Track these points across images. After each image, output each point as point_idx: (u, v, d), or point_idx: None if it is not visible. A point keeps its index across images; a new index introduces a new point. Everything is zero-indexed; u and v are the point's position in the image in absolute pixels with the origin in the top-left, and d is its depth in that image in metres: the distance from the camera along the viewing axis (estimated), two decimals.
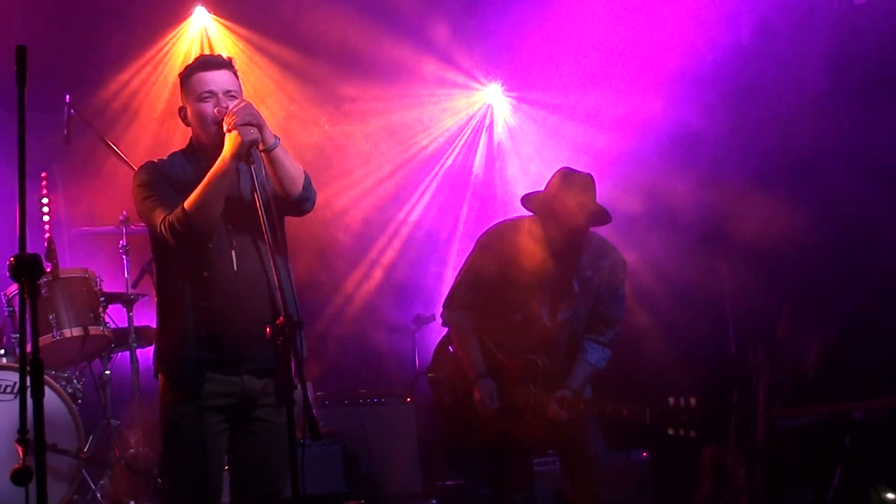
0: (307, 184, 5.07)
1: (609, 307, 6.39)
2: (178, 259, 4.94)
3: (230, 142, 4.82)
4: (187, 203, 4.81)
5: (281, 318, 4.52)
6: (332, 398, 8.98)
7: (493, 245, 6.45)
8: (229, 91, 5.04)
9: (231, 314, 4.90)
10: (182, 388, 4.92)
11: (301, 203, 5.05)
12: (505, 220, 6.64)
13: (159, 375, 5.04)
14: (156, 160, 5.16)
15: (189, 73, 5.12)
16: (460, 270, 6.59)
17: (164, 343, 5.02)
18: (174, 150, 5.23)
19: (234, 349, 4.92)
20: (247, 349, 4.93)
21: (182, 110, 5.14)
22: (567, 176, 6.25)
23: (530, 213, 6.38)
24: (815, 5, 8.68)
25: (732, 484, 7.48)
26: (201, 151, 5.06)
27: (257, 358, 4.94)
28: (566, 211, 6.14)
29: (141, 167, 5.13)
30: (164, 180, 5.01)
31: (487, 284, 6.39)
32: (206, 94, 5.02)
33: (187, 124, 5.15)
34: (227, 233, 4.96)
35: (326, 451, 8.21)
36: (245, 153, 4.81)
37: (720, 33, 8.89)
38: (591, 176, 6.24)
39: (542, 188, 6.35)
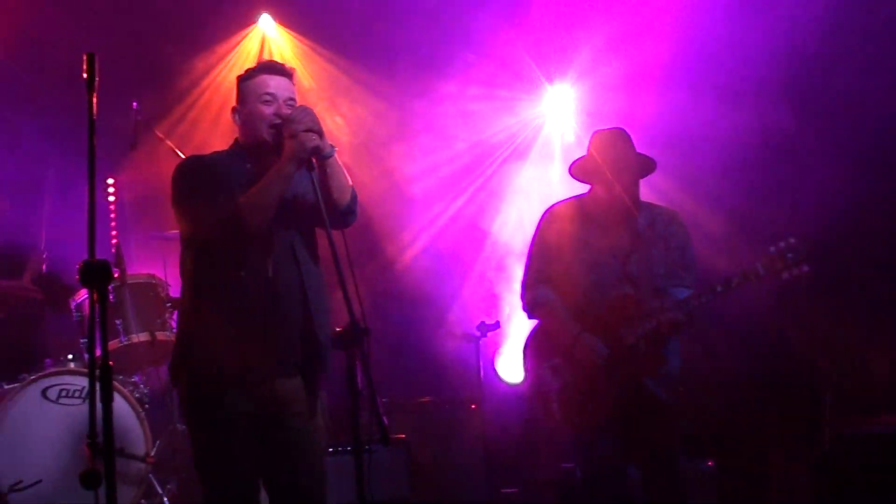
0: (354, 197, 5.10)
1: (682, 254, 6.42)
2: (214, 260, 4.93)
3: (290, 147, 4.85)
4: (243, 200, 4.80)
5: (348, 325, 4.53)
6: (397, 404, 8.99)
7: (555, 217, 6.52)
8: (290, 99, 5.07)
9: (263, 319, 4.89)
10: (212, 393, 4.90)
11: (346, 215, 5.06)
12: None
13: (184, 377, 4.99)
14: (199, 155, 5.18)
15: (252, 75, 5.15)
16: (528, 252, 6.62)
17: (191, 344, 4.98)
18: None
19: (266, 354, 4.90)
20: (279, 355, 4.92)
21: (235, 110, 5.16)
22: (600, 134, 6.45)
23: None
24: None
25: (797, 493, 7.43)
26: (250, 153, 5.08)
27: (290, 364, 4.94)
28: (612, 165, 6.31)
29: (186, 159, 5.15)
30: (209, 174, 4.99)
31: (555, 255, 6.44)
32: (268, 97, 5.05)
33: (237, 124, 5.16)
34: (269, 237, 4.96)
35: (391, 456, 8.22)
36: (307, 159, 4.84)
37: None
38: (623, 129, 6.42)
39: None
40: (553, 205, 6.64)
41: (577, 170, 6.55)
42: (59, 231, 9.13)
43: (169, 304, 7.85)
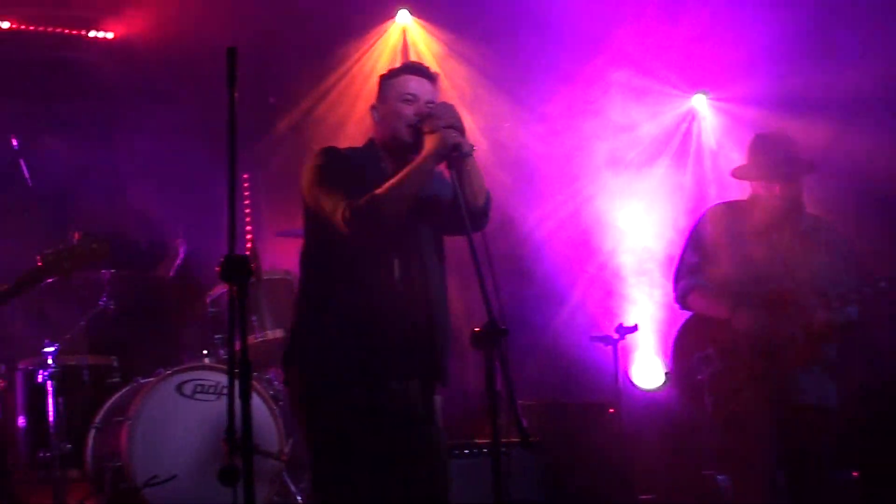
0: (488, 200, 5.04)
1: (847, 264, 6.33)
2: (339, 254, 4.90)
3: (432, 143, 4.81)
4: (379, 191, 4.75)
5: (486, 325, 4.46)
6: (533, 407, 8.93)
7: (714, 215, 6.52)
8: (430, 102, 5.04)
9: (385, 320, 4.85)
10: (326, 393, 4.85)
11: (480, 217, 4.97)
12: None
13: (297, 374, 4.95)
14: (335, 146, 5.14)
15: (395, 74, 5.14)
16: (683, 246, 6.61)
17: (307, 340, 4.95)
18: None
19: (384, 355, 4.85)
20: (397, 357, 4.87)
21: (374, 108, 5.14)
22: (760, 136, 6.48)
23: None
24: None
25: None
26: (386, 152, 5.07)
27: (407, 367, 4.89)
28: (772, 167, 6.28)
29: (321, 149, 5.10)
30: (345, 165, 4.97)
31: (711, 252, 6.42)
32: (409, 97, 5.03)
33: (375, 121, 5.14)
34: (395, 236, 4.92)
35: (525, 459, 8.16)
36: (447, 155, 4.79)
37: None
38: (785, 131, 6.51)
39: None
40: (713, 205, 6.65)
41: (740, 172, 6.52)
42: (193, 226, 9.24)
43: None
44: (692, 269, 6.46)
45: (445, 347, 4.97)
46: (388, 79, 5.15)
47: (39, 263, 6.03)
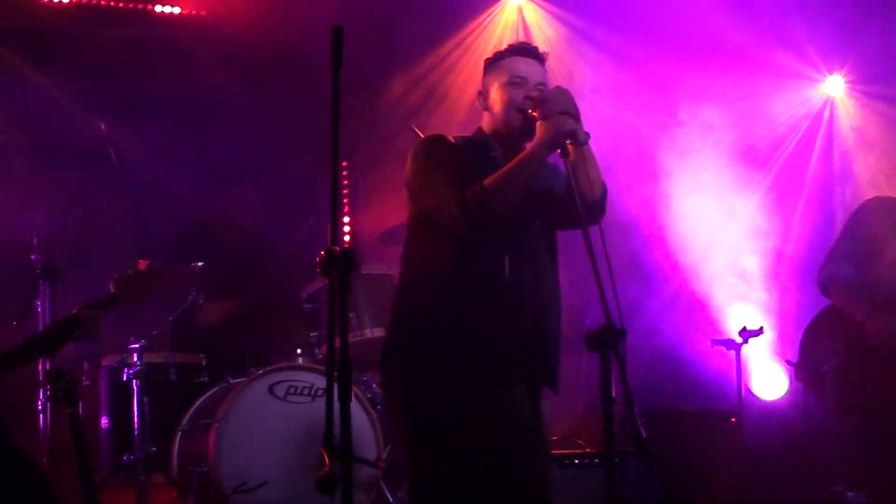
0: (604, 192, 5.02)
1: None
2: (445, 250, 4.90)
3: (545, 130, 4.78)
4: (488, 182, 4.74)
5: (602, 325, 4.42)
6: (649, 413, 8.87)
7: (880, 204, 6.58)
8: (540, 84, 5.03)
9: (493, 321, 4.84)
10: (429, 398, 4.85)
11: (594, 211, 4.91)
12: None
13: (397, 377, 4.96)
14: (443, 135, 5.12)
15: (501, 56, 5.14)
16: (840, 232, 6.69)
17: (408, 340, 4.95)
18: None
19: (491, 359, 4.84)
20: (505, 361, 4.86)
21: (481, 94, 5.15)
22: None
23: None
24: None
25: None
26: (495, 140, 5.07)
27: (516, 372, 4.89)
28: None
29: (428, 137, 5.12)
30: (453, 155, 4.97)
31: (872, 242, 6.45)
32: (518, 80, 5.03)
33: (483, 108, 5.14)
34: (506, 232, 4.91)
35: (642, 468, 8.10)
36: (561, 144, 4.76)
37: None
38: None
39: None
40: (880, 196, 6.61)
41: None
42: (287, 216, 9.32)
43: None
44: (843, 255, 6.50)
45: (556, 351, 4.98)
46: (493, 62, 5.15)
47: (112, 289, 6.04)
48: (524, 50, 5.15)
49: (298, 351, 7.98)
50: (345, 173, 10.19)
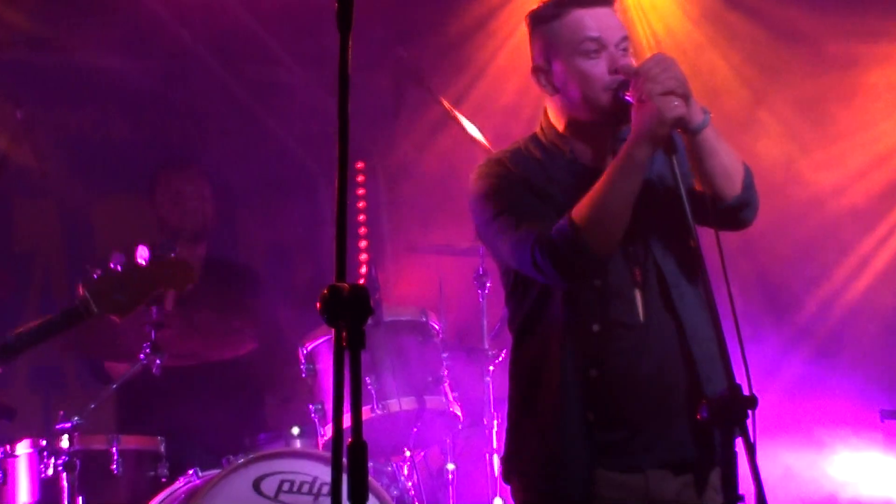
0: (749, 182, 5.02)
1: None
2: (549, 302, 4.97)
3: (641, 120, 4.78)
4: (576, 213, 4.77)
5: (725, 391, 4.49)
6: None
7: None
8: (623, 40, 5.00)
9: (635, 385, 4.90)
10: (560, 496, 4.92)
11: (739, 210, 5.01)
12: None
13: (514, 478, 5.08)
14: (499, 156, 5.16)
15: (557, 13, 5.06)
16: None
17: (525, 430, 5.05)
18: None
19: (637, 435, 4.91)
20: (656, 434, 4.92)
21: (541, 71, 5.11)
22: None
23: None
24: None
25: None
26: (576, 136, 5.07)
27: (671, 446, 4.94)
28: None
29: (481, 168, 5.16)
30: (520, 183, 5.00)
31: None
32: (592, 45, 4.98)
33: (550, 93, 5.12)
34: (625, 261, 4.96)
35: None
36: (666, 136, 4.77)
37: None
38: None
39: None
40: None
41: None
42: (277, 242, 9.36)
43: (446, 355, 7.84)
44: None
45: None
46: (547, 21, 5.10)
47: (81, 293, 6.04)
48: None
49: (295, 431, 7.96)
50: (360, 178, 10.22)
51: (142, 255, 6.03)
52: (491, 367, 8.15)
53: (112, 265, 6.02)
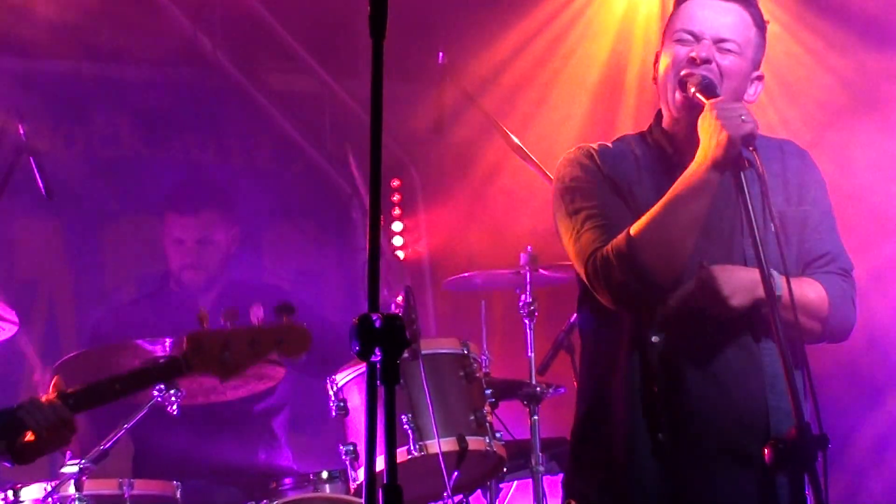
0: (833, 316, 5.08)
1: None
2: (618, 324, 4.98)
3: (707, 134, 4.79)
4: (635, 230, 4.79)
5: (792, 431, 4.47)
6: None
7: None
8: (722, 41, 5.02)
9: (701, 423, 4.93)
10: None
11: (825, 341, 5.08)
12: None
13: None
14: (595, 145, 5.18)
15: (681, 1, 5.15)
16: None
17: (592, 456, 5.09)
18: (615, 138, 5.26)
19: (704, 474, 4.94)
20: (721, 477, 4.97)
21: (656, 59, 5.20)
22: None
23: None
24: None
25: None
26: (678, 135, 5.11)
27: (736, 491, 4.96)
28: None
29: (569, 155, 5.20)
30: (604, 181, 5.03)
31: None
32: (685, 36, 5.04)
33: (654, 82, 5.21)
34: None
35: None
36: (734, 157, 4.77)
37: None
38: None
39: None
40: None
41: None
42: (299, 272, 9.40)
43: (490, 392, 7.83)
44: None
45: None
46: (673, 10, 5.20)
47: (187, 347, 6.01)
48: None
49: (324, 475, 7.96)
50: (396, 197, 10.24)
51: (256, 314, 6.01)
52: (538, 405, 8.13)
53: (223, 321, 5.99)
